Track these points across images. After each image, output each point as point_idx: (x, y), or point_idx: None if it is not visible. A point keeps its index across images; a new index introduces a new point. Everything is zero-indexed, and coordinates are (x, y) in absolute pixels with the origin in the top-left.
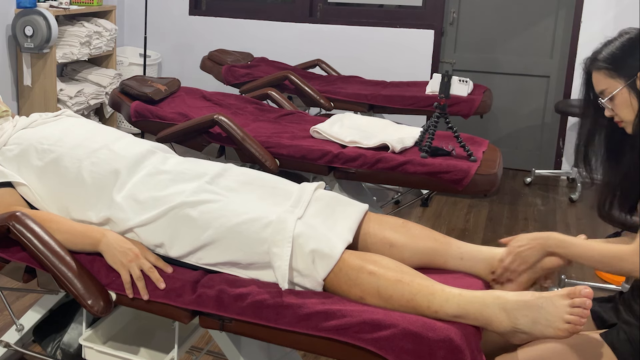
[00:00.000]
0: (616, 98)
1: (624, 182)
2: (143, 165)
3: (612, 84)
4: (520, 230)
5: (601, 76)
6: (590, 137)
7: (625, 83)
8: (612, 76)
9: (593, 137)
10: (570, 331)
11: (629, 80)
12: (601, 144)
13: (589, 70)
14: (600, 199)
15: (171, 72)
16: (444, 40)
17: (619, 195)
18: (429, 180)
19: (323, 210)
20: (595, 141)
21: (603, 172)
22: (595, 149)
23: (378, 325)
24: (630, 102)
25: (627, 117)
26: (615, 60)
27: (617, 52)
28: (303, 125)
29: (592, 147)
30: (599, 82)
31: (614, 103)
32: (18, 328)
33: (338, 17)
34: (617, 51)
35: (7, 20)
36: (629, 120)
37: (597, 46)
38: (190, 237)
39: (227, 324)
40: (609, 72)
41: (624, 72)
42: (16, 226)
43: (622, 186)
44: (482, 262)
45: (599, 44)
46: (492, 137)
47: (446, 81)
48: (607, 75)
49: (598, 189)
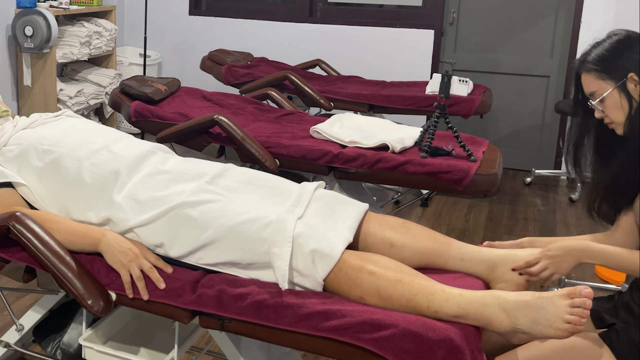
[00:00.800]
0: (606, 100)
1: (613, 182)
2: (143, 166)
3: (603, 85)
4: (520, 230)
5: (591, 78)
6: (580, 138)
7: (615, 85)
8: (602, 78)
9: (582, 138)
10: (570, 331)
11: (619, 81)
12: (590, 144)
13: (579, 72)
14: (590, 199)
15: (171, 72)
16: (444, 40)
17: (608, 195)
18: (429, 180)
19: (323, 209)
20: (584, 142)
21: (592, 172)
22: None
23: (378, 325)
24: (620, 104)
25: (618, 119)
26: (605, 62)
27: (606, 54)
28: (303, 125)
29: (582, 148)
30: (589, 84)
31: (604, 105)
32: (18, 328)
33: (338, 17)
34: (606, 53)
35: (7, 20)
36: (619, 122)
37: (586, 48)
38: (190, 237)
39: (227, 324)
40: (598, 73)
41: (614, 73)
42: (16, 226)
43: (611, 186)
44: (482, 262)
45: (588, 46)
46: (492, 137)
47: (446, 81)
48: (597, 77)
49: (587, 188)
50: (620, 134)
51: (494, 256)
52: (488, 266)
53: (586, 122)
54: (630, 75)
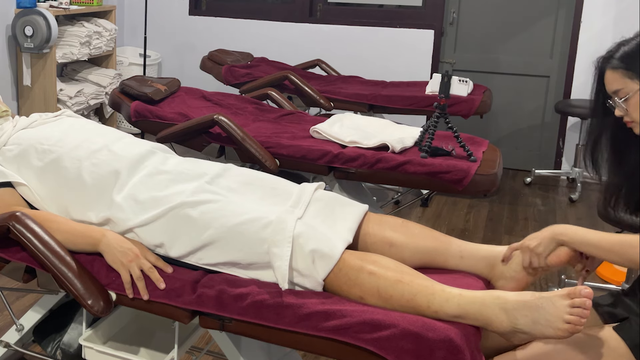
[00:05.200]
0: (631, 99)
1: (629, 181)
2: (143, 166)
3: (628, 84)
4: (520, 230)
5: (617, 75)
6: (598, 137)
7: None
8: (630, 76)
9: (600, 137)
10: (570, 331)
11: None
12: (607, 143)
13: (603, 69)
14: (605, 198)
15: (171, 72)
16: (444, 40)
17: (623, 195)
18: (429, 180)
19: (323, 210)
20: (602, 140)
21: (608, 172)
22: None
23: (378, 325)
24: None
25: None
26: (633, 60)
27: (634, 52)
28: (303, 125)
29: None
30: (614, 82)
31: (628, 103)
32: (18, 328)
33: (338, 17)
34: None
35: (7, 20)
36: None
37: (612, 45)
38: (190, 237)
39: (227, 324)
40: (625, 72)
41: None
42: (16, 226)
43: (627, 186)
44: (482, 260)
45: (614, 43)
46: (492, 137)
47: (446, 81)
48: (623, 75)
49: (603, 188)
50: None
51: (494, 253)
52: (488, 264)
53: (604, 120)
54: None
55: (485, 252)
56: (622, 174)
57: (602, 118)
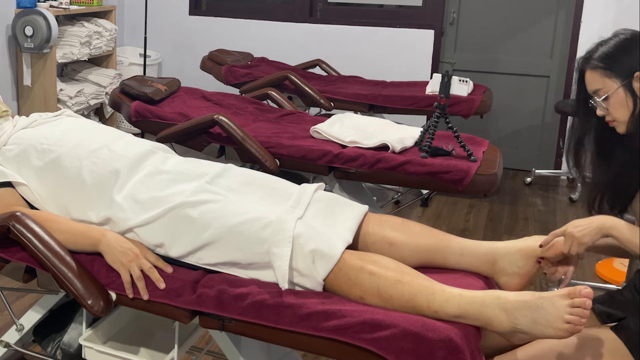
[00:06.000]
0: (611, 98)
1: (614, 181)
2: (143, 165)
3: (608, 83)
4: (520, 230)
5: (596, 75)
6: (581, 137)
7: (621, 83)
8: (608, 76)
9: (583, 137)
10: (570, 331)
11: (624, 80)
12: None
13: (583, 69)
14: (590, 198)
15: (171, 72)
16: (444, 40)
17: (608, 195)
18: (429, 180)
19: (323, 211)
20: (585, 141)
21: (592, 172)
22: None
23: (378, 325)
24: (625, 102)
25: (622, 117)
26: (611, 59)
27: (612, 52)
28: (303, 125)
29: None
30: (594, 82)
31: (608, 102)
32: (18, 328)
33: (338, 17)
34: (612, 51)
35: (7, 20)
36: (622, 120)
37: (591, 46)
38: (190, 237)
39: (227, 324)
40: (604, 71)
41: (620, 72)
42: (16, 226)
43: (612, 186)
44: (482, 257)
45: (593, 44)
46: (492, 137)
47: (446, 81)
48: (602, 75)
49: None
50: (622, 133)
51: (494, 250)
52: (488, 260)
53: (587, 121)
54: (637, 74)
55: (485, 249)
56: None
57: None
